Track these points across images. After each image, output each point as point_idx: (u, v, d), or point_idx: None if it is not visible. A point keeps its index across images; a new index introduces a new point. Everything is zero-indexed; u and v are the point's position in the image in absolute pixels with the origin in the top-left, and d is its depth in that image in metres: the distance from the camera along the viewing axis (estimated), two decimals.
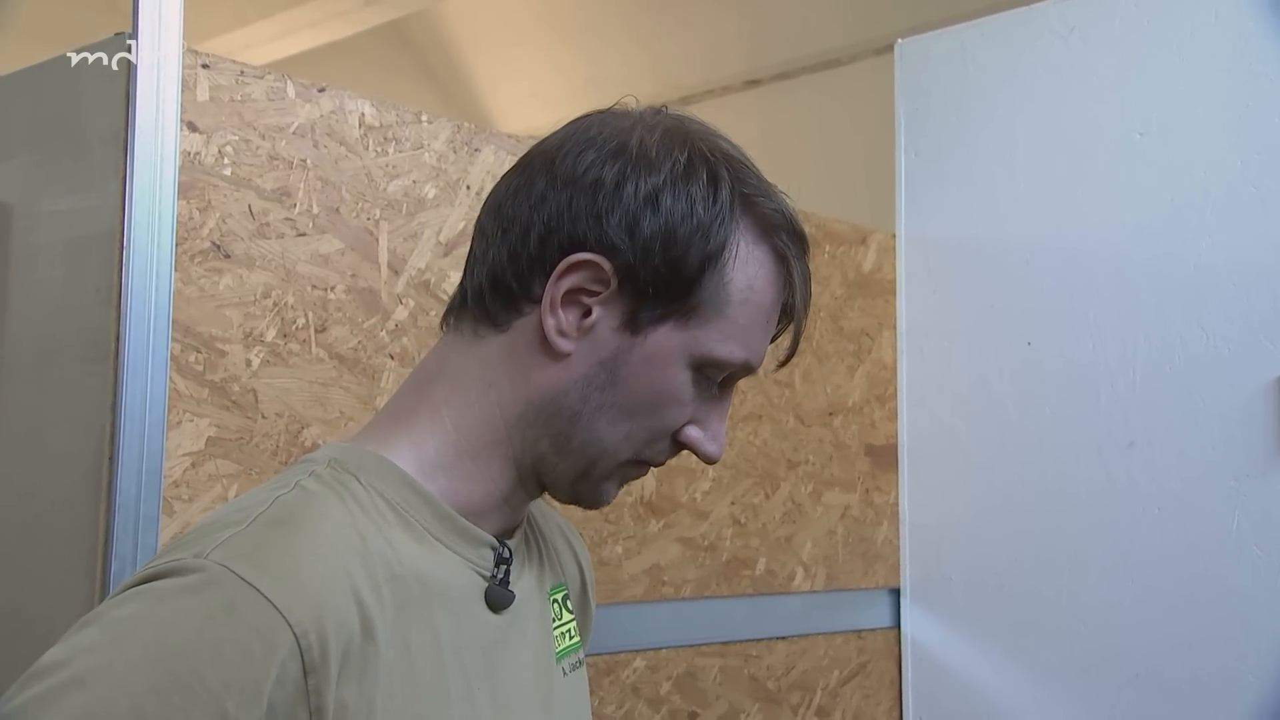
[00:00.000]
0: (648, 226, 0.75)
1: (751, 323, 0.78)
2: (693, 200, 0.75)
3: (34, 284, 1.26)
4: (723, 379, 0.80)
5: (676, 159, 0.76)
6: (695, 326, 0.76)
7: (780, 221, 0.78)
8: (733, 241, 0.76)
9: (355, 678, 0.67)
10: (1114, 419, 1.72)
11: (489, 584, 0.78)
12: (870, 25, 3.84)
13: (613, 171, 0.76)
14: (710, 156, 0.77)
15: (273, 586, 0.64)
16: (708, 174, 0.76)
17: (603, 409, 0.77)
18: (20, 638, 1.21)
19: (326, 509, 0.72)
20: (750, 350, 0.79)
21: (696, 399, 0.79)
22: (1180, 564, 1.65)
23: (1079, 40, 1.80)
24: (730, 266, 0.76)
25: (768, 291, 0.78)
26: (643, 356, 0.76)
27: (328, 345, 1.29)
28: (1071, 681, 1.74)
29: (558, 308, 0.76)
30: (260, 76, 1.25)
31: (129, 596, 0.65)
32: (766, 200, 0.78)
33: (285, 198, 1.26)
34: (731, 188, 0.77)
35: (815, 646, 1.83)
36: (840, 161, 3.76)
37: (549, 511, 0.98)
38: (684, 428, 0.79)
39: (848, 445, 1.90)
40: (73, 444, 1.17)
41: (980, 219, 1.90)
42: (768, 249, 0.78)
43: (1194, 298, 1.66)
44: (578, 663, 0.89)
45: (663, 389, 0.77)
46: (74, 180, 1.22)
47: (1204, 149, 1.66)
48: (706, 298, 0.76)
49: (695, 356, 0.77)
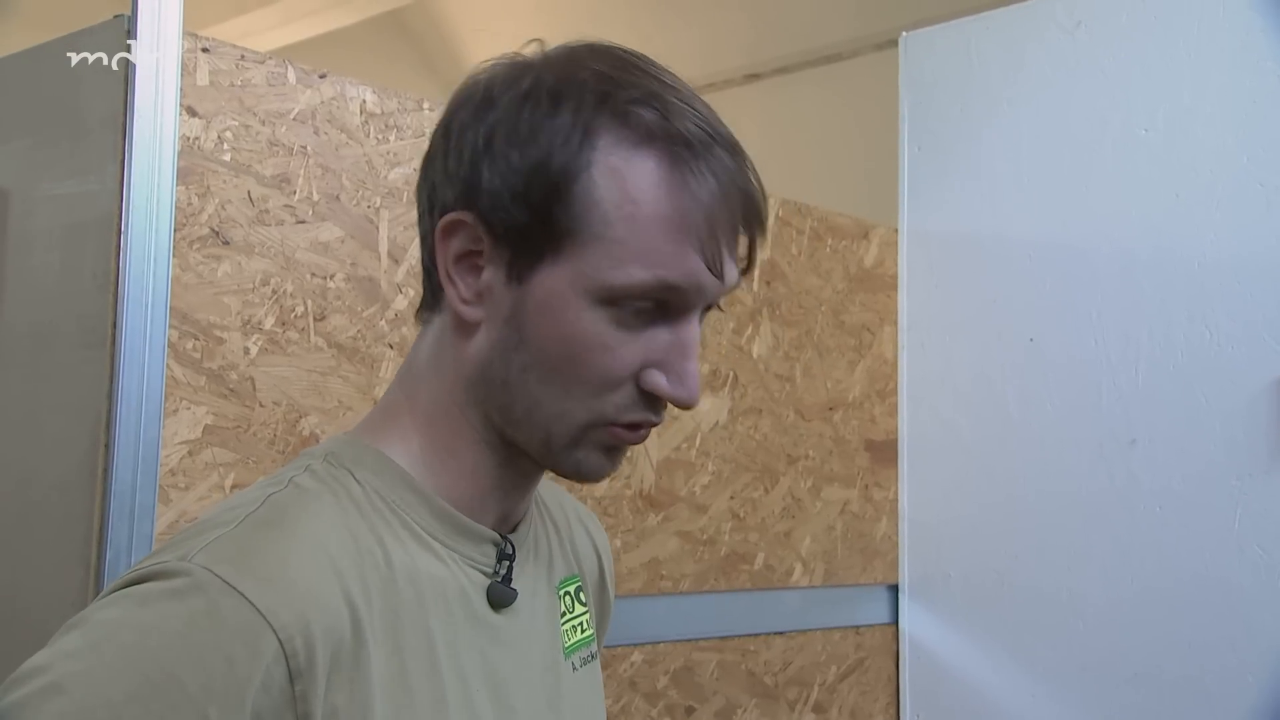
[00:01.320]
0: (488, 169, 0.71)
1: (648, 237, 0.69)
2: (531, 129, 0.70)
3: (31, 269, 1.25)
4: (668, 310, 0.72)
5: (516, 90, 0.71)
6: (575, 259, 0.70)
7: (655, 123, 0.70)
8: (588, 159, 0.69)
9: (346, 682, 0.66)
10: (1116, 416, 1.71)
11: (491, 582, 0.77)
12: (871, 20, 3.83)
13: (458, 122, 0.73)
14: (559, 77, 0.71)
15: (257, 590, 0.63)
16: (548, 96, 0.70)
17: (528, 370, 0.72)
18: (15, 625, 1.20)
19: (319, 508, 0.71)
20: (661, 267, 0.69)
21: (635, 340, 0.71)
22: (1181, 563, 1.64)
23: (1084, 35, 1.79)
24: (595, 186, 0.69)
25: (660, 200, 0.69)
26: (536, 306, 0.71)
27: (327, 334, 1.28)
28: (1070, 680, 1.73)
29: (454, 276, 0.73)
30: (261, 61, 1.24)
31: (112, 600, 0.64)
32: (642, 107, 0.70)
33: (285, 184, 1.25)
34: (581, 103, 0.70)
35: (813, 642, 1.83)
36: (841, 156, 3.75)
37: (567, 498, 0.96)
38: (644, 374, 0.72)
39: (848, 440, 1.89)
40: (69, 431, 1.16)
41: (983, 214, 1.89)
42: (648, 155, 0.70)
43: (1198, 295, 1.65)
44: (590, 656, 0.87)
45: (570, 335, 0.71)
46: (72, 164, 1.20)
47: (1209, 145, 1.66)
48: (574, 226, 0.69)
49: (593, 290, 0.70)
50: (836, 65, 4.01)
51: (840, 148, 3.79)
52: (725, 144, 0.72)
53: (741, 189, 0.72)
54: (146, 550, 1.12)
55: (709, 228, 0.70)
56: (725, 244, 0.71)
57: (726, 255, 0.71)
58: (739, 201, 0.72)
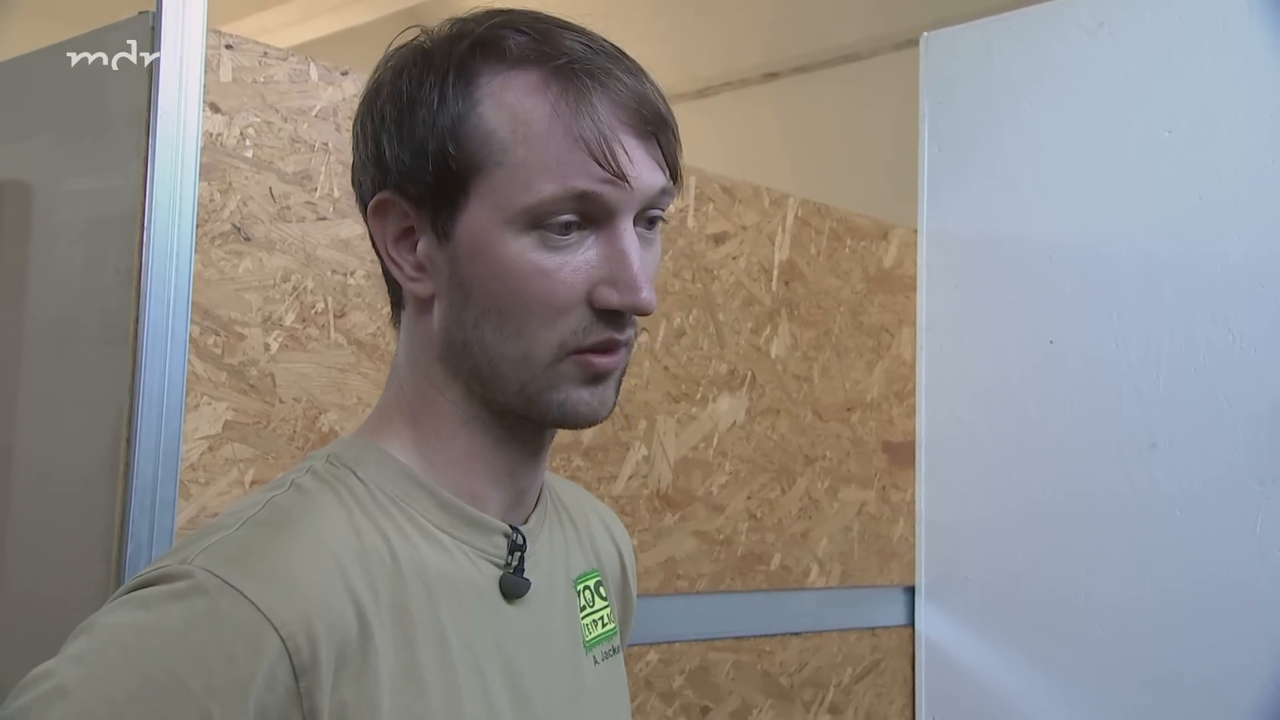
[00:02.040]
0: (388, 144, 0.73)
1: (546, 150, 0.70)
2: (410, 95, 0.73)
3: (54, 264, 1.25)
4: (594, 221, 0.72)
5: (392, 67, 0.75)
6: (486, 194, 0.71)
7: (526, 46, 0.72)
8: (472, 99, 0.71)
9: (354, 679, 0.66)
10: (1136, 420, 1.70)
11: (503, 573, 0.77)
12: (890, 20, 3.82)
13: (359, 116, 0.77)
14: (430, 44, 0.74)
15: (258, 589, 0.64)
16: (417, 60, 0.73)
17: (480, 324, 0.73)
18: (37, 619, 1.20)
19: (321, 507, 0.71)
20: (569, 175, 0.70)
21: (572, 260, 0.71)
22: (1201, 567, 1.63)
23: (1108, 35, 1.78)
24: (483, 120, 0.71)
25: (549, 114, 0.70)
26: (468, 254, 0.72)
27: (346, 330, 1.28)
28: (1087, 684, 1.73)
29: (395, 257, 0.76)
30: (284, 58, 1.24)
31: (117, 605, 0.65)
32: (511, 35, 0.72)
33: (306, 181, 1.25)
34: (450, 55, 0.72)
35: (829, 643, 1.82)
36: (860, 156, 3.73)
37: (585, 496, 0.96)
38: (594, 292, 0.72)
39: (865, 441, 1.88)
40: (90, 425, 1.16)
41: (1003, 215, 1.88)
42: (527, 76, 0.71)
43: (1220, 298, 1.64)
44: (612, 650, 0.87)
45: (504, 270, 0.71)
46: (95, 160, 1.21)
47: (1233, 147, 1.64)
48: (475, 162, 0.71)
49: (510, 218, 0.71)
50: (855, 65, 3.99)
51: (859, 148, 3.78)
52: (608, 56, 0.73)
53: (632, 90, 0.73)
54: (167, 545, 1.12)
55: (601, 130, 0.71)
56: (623, 146, 0.71)
57: (628, 157, 0.71)
58: (631, 103, 0.72)
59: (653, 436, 1.59)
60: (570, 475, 1.47)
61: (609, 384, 0.76)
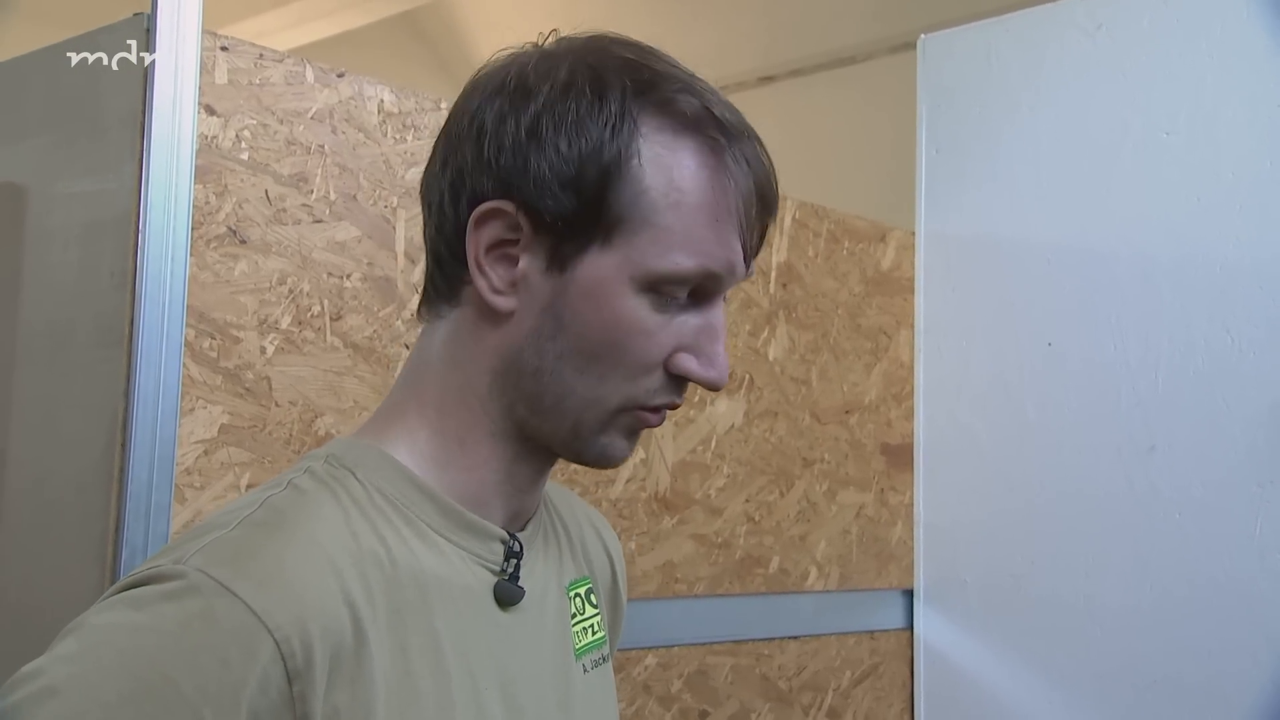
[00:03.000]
0: (534, 158, 0.71)
1: (692, 224, 0.71)
2: (578, 118, 0.71)
3: (48, 267, 1.24)
4: (698, 295, 0.73)
5: (555, 80, 0.72)
6: (623, 246, 0.71)
7: (696, 111, 0.72)
8: (636, 147, 0.71)
9: (348, 683, 0.65)
10: (1135, 422, 1.70)
11: (498, 579, 0.76)
12: (886, 23, 3.82)
13: (493, 112, 0.73)
14: (595, 66, 0.72)
15: (252, 591, 0.63)
16: (590, 85, 0.72)
17: (563, 358, 0.73)
18: (30, 624, 1.19)
19: (318, 508, 0.70)
20: (705, 255, 0.71)
21: (669, 325, 0.73)
22: (1201, 570, 1.63)
23: (1106, 37, 1.78)
24: (642, 174, 0.71)
25: (703, 188, 0.72)
26: (580, 293, 0.72)
27: (343, 334, 1.27)
28: (1087, 687, 1.72)
29: (485, 266, 0.74)
30: (279, 60, 1.24)
31: (109, 605, 0.64)
32: (681, 95, 0.72)
33: (302, 183, 1.25)
34: (624, 91, 0.71)
35: (827, 647, 1.82)
36: (857, 158, 3.74)
37: (577, 501, 0.95)
38: (674, 358, 0.73)
39: (863, 444, 1.88)
40: (85, 429, 1.16)
41: (1002, 217, 1.88)
42: (690, 143, 0.72)
43: (1219, 300, 1.63)
44: (601, 659, 0.86)
45: (614, 321, 0.72)
46: (90, 162, 1.20)
47: (1232, 149, 1.64)
48: (624, 213, 0.71)
49: (638, 277, 0.71)
50: (852, 68, 4.00)
51: (857, 150, 3.78)
52: (751, 133, 0.75)
53: (766, 177, 0.74)
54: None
55: (745, 215, 0.73)
56: (756, 232, 0.74)
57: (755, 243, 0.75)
58: (763, 189, 0.74)
59: (650, 440, 1.58)
60: (567, 479, 1.46)
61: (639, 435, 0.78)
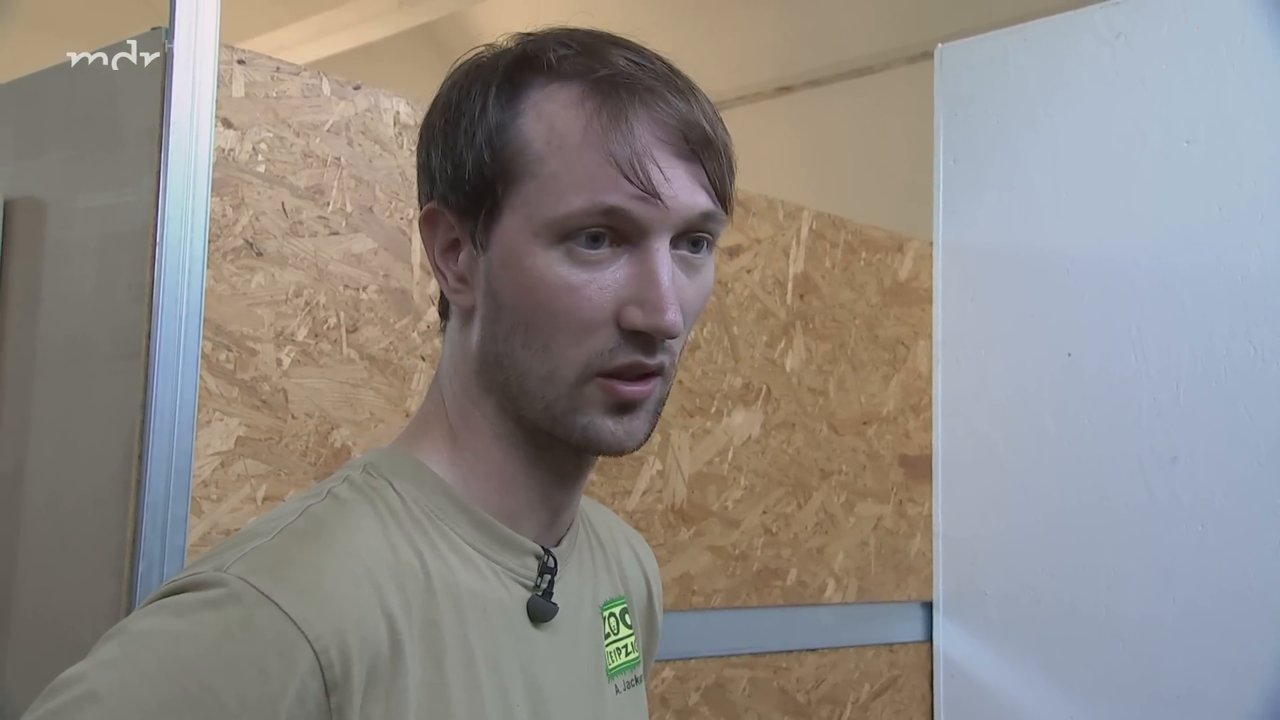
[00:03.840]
0: (435, 154, 0.75)
1: (578, 164, 0.69)
2: (455, 103, 0.74)
3: (67, 280, 1.25)
4: (622, 239, 0.70)
5: (452, 78, 0.76)
6: (520, 205, 0.71)
7: (580, 64, 0.71)
8: (516, 110, 0.72)
9: (383, 696, 0.65)
10: (1156, 433, 1.68)
11: (531, 595, 0.76)
12: (903, 33, 3.82)
13: (422, 128, 0.78)
14: (486, 54, 0.75)
15: (293, 602, 0.63)
16: (473, 70, 0.75)
17: (510, 337, 0.72)
18: (48, 636, 1.20)
19: (357, 519, 0.70)
20: (597, 190, 0.69)
21: (600, 278, 0.70)
22: (1224, 582, 1.61)
23: (1125, 46, 1.77)
24: (524, 131, 0.71)
25: (586, 129, 0.70)
26: (500, 263, 0.72)
27: (359, 346, 1.27)
28: (1109, 701, 1.70)
29: (441, 267, 0.76)
30: (296, 73, 1.24)
31: (150, 610, 0.64)
32: (564, 52, 0.72)
33: (319, 196, 1.25)
34: (498, 60, 0.74)
35: (846, 660, 1.80)
36: (875, 168, 3.73)
37: (615, 521, 0.95)
38: (622, 312, 0.70)
39: (882, 455, 1.87)
40: (103, 442, 1.16)
41: (1020, 227, 1.87)
42: (573, 90, 0.71)
43: (1241, 309, 1.62)
44: (634, 680, 0.85)
45: (534, 282, 0.70)
46: (108, 176, 1.21)
47: (1253, 157, 1.63)
48: (510, 171, 0.71)
49: (540, 230, 0.70)
50: (869, 78, 3.99)
51: (874, 160, 3.77)
52: (656, 74, 0.73)
53: (676, 110, 0.71)
54: (179, 562, 1.12)
55: (634, 146, 0.70)
56: (658, 163, 0.70)
57: (663, 175, 0.70)
58: (673, 122, 0.71)
59: (667, 451, 1.58)
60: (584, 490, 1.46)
61: (639, 414, 0.74)
